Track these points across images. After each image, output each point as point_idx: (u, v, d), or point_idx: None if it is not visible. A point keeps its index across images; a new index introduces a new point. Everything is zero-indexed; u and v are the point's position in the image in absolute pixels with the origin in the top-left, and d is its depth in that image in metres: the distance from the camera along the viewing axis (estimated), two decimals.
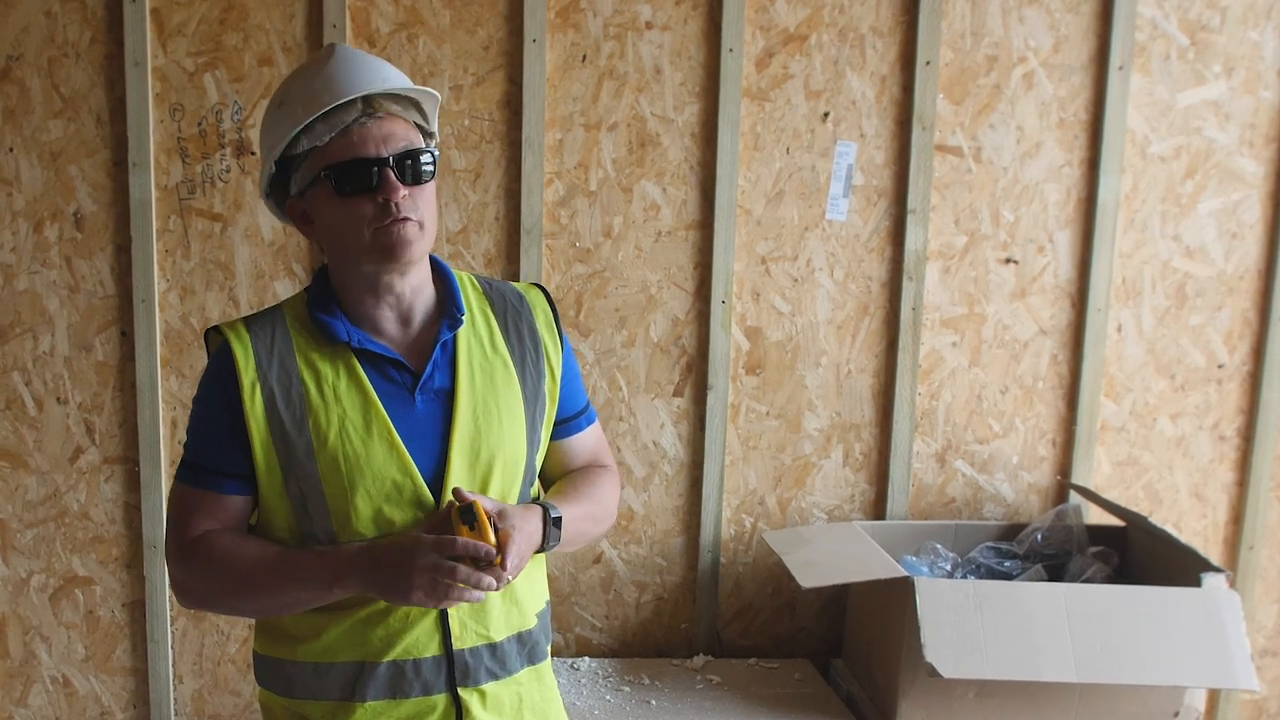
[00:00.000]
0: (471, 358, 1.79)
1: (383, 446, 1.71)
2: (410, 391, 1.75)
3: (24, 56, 2.91)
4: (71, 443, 3.07)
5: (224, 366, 1.76)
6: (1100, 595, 2.63)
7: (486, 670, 1.78)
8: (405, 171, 1.69)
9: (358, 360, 1.75)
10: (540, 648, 1.87)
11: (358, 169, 1.68)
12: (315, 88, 1.71)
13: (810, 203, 3.10)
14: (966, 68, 3.08)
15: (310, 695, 1.78)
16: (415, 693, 1.75)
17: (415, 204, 1.70)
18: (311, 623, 1.76)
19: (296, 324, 1.79)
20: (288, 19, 2.94)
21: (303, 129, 1.70)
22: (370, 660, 1.74)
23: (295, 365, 1.75)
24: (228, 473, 1.75)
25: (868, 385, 3.19)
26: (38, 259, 2.99)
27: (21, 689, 3.17)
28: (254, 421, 1.72)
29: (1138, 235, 3.18)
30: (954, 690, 2.66)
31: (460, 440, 1.74)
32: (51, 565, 3.11)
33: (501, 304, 1.87)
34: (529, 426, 1.81)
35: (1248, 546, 3.30)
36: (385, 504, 1.71)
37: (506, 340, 1.84)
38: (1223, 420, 3.27)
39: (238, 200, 2.99)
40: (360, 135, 1.69)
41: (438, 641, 1.75)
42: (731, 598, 3.25)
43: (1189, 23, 3.10)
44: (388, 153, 1.69)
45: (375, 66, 1.75)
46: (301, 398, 1.72)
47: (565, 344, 1.90)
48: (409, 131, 1.73)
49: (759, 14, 3.02)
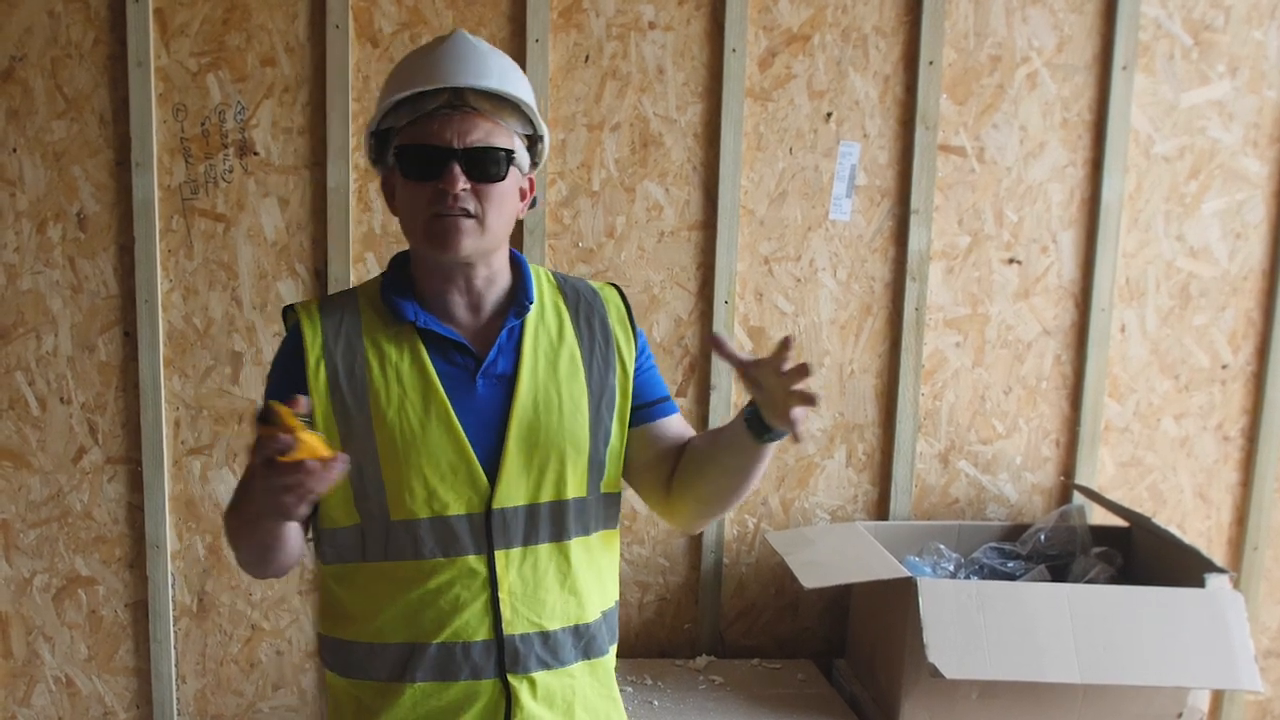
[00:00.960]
0: (537, 346, 1.81)
1: (440, 427, 1.72)
2: (472, 375, 1.77)
3: (27, 57, 2.92)
4: (74, 443, 3.07)
5: (293, 344, 1.79)
6: (1103, 596, 2.62)
7: (537, 658, 1.77)
8: (474, 166, 1.70)
9: (423, 343, 1.77)
10: (598, 643, 1.84)
11: (426, 155, 1.71)
12: (414, 69, 1.75)
13: (813, 203, 3.10)
14: (970, 68, 3.08)
15: (364, 675, 1.80)
16: (464, 676, 1.75)
17: (478, 200, 1.71)
18: (367, 603, 1.78)
19: (368, 305, 1.82)
20: (290, 19, 2.95)
21: (392, 107, 1.74)
22: (421, 641, 1.75)
23: (361, 344, 1.77)
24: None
25: (871, 385, 3.19)
26: (41, 259, 2.99)
27: (24, 689, 3.17)
28: (316, 396, 1.74)
29: (1141, 235, 3.17)
30: (957, 691, 2.66)
31: (518, 425, 1.75)
32: (54, 565, 3.11)
33: (574, 297, 1.88)
34: (593, 417, 1.81)
35: (1252, 547, 3.29)
36: (439, 484, 1.72)
37: (576, 332, 1.84)
38: (1227, 421, 3.26)
39: (240, 200, 2.99)
40: (438, 124, 1.71)
41: (488, 625, 1.74)
42: (734, 598, 3.25)
43: (1193, 22, 3.10)
44: (460, 145, 1.70)
45: (479, 60, 1.75)
46: (364, 375, 1.75)
47: (640, 340, 1.90)
48: (494, 131, 1.73)
49: (762, 14, 3.02)
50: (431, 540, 1.73)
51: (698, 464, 1.83)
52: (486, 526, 1.73)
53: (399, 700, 1.77)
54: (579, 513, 1.79)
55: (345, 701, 1.85)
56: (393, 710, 1.78)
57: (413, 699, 1.77)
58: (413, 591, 1.75)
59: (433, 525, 1.73)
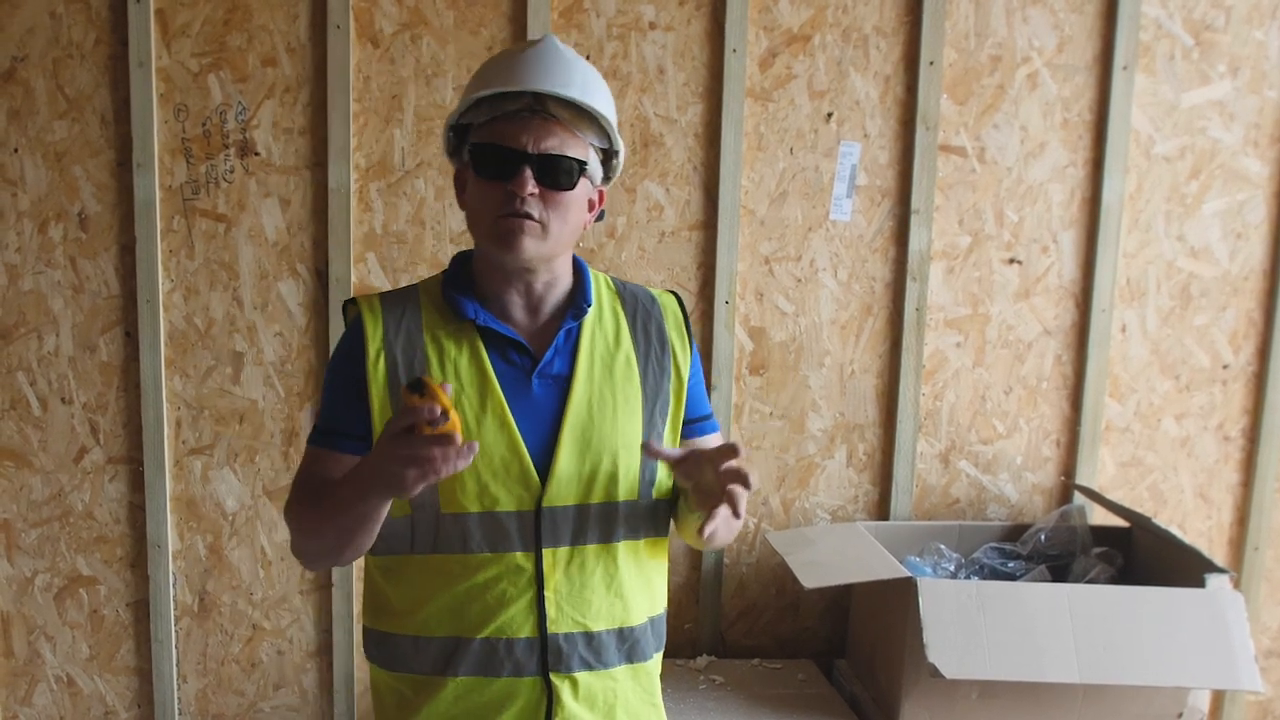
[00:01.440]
0: (594, 348, 1.82)
1: (495, 424, 1.74)
2: (528, 375, 1.78)
3: (29, 57, 2.92)
4: (76, 443, 3.08)
5: (354, 335, 1.82)
6: (1103, 596, 2.62)
7: (580, 659, 1.78)
8: (545, 173, 1.72)
9: (481, 340, 1.79)
10: (642, 648, 1.85)
11: (499, 155, 1.73)
12: (500, 70, 1.76)
13: (814, 203, 3.10)
14: (970, 68, 3.08)
15: (407, 669, 1.81)
16: (506, 673, 1.76)
17: (544, 207, 1.73)
18: (412, 596, 1.79)
19: (429, 301, 1.84)
20: (291, 20, 2.95)
21: (473, 104, 1.76)
22: (465, 636, 1.76)
23: (421, 339, 1.79)
24: (347, 434, 1.79)
25: (871, 385, 3.19)
26: (42, 259, 3.00)
27: (26, 688, 3.18)
28: (375, 387, 1.76)
29: (1142, 235, 3.17)
30: (957, 691, 2.66)
31: (572, 426, 1.76)
32: (56, 565, 3.12)
33: (633, 303, 1.90)
34: (646, 421, 1.82)
35: (1253, 547, 3.29)
36: (492, 480, 1.73)
37: (633, 336, 1.86)
38: (1227, 421, 3.26)
39: (241, 201, 3.00)
40: (517, 126, 1.73)
41: (532, 623, 1.76)
42: (735, 598, 3.25)
43: (1193, 22, 3.10)
44: (534, 150, 1.72)
45: (565, 68, 1.76)
46: (423, 367, 1.77)
47: (694, 351, 1.91)
48: (569, 140, 1.74)
49: (762, 14, 3.02)
50: (480, 535, 1.74)
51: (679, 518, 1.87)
52: (536, 524, 1.75)
53: (440, 694, 1.79)
54: (629, 516, 1.80)
55: (387, 695, 1.87)
56: (434, 704, 1.79)
57: (454, 694, 1.78)
58: (459, 585, 1.76)
59: (482, 520, 1.74)
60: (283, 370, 3.06)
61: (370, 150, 3.00)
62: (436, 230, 3.03)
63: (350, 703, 3.19)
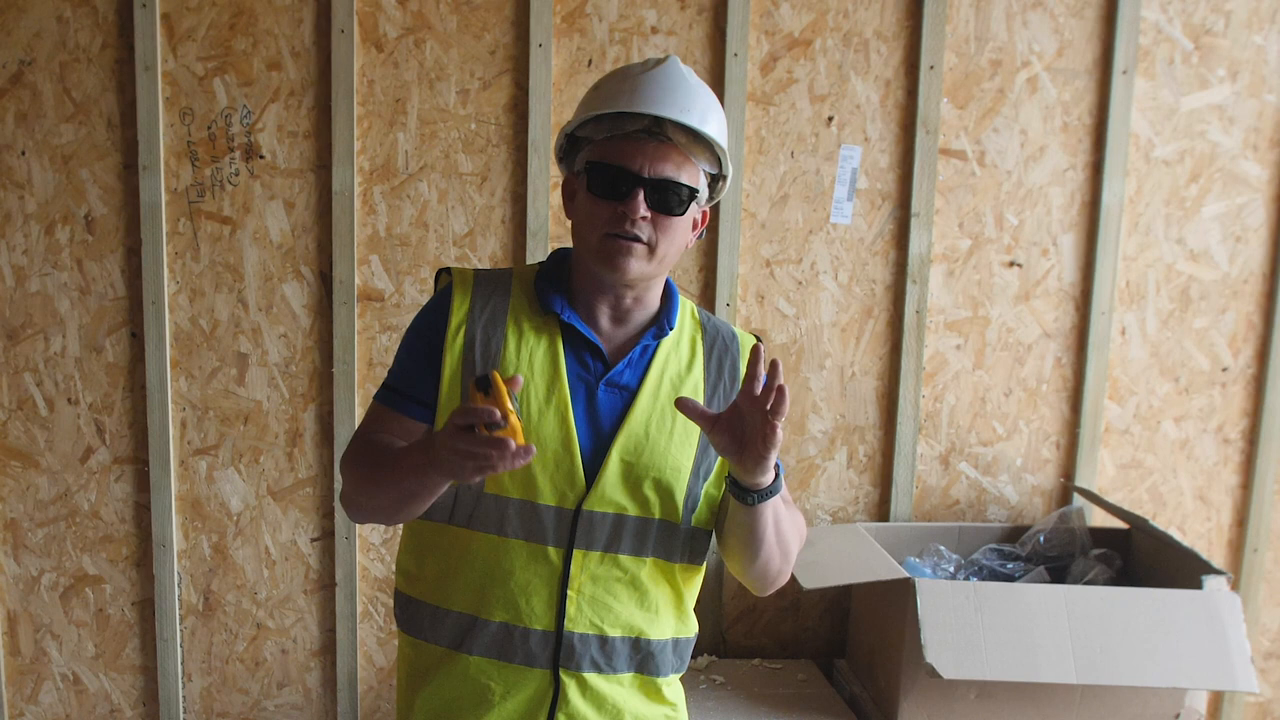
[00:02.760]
0: (665, 369, 1.84)
1: (555, 417, 1.77)
2: (597, 380, 1.81)
3: (36, 61, 2.94)
4: (82, 443, 3.10)
5: (441, 303, 1.85)
6: (1100, 597, 2.63)
7: (591, 660, 1.80)
8: (658, 197, 1.74)
9: (561, 337, 1.82)
10: (657, 663, 1.87)
11: (615, 175, 1.75)
12: (624, 88, 1.78)
13: (814, 206, 3.12)
14: (970, 72, 3.09)
15: (428, 638, 1.85)
16: (518, 660, 1.80)
17: (653, 230, 1.75)
18: (442, 565, 1.83)
19: (520, 288, 1.87)
20: (296, 24, 2.97)
21: (593, 118, 1.78)
22: (483, 617, 1.79)
23: (504, 320, 1.83)
24: (415, 398, 1.82)
25: (872, 388, 3.21)
26: (49, 261, 3.02)
27: (32, 686, 3.20)
28: (450, 356, 1.80)
29: (1142, 239, 3.19)
30: (955, 691, 2.68)
31: (627, 437, 1.79)
32: (62, 564, 3.14)
33: (713, 335, 1.91)
34: (700, 451, 1.83)
35: (1252, 549, 3.30)
36: (540, 471, 1.76)
37: (705, 368, 1.88)
38: (1227, 423, 3.27)
39: (247, 203, 3.02)
40: (634, 148, 1.75)
41: (551, 617, 1.78)
42: (736, 599, 3.27)
43: (1193, 27, 3.11)
44: (649, 174, 1.74)
45: (687, 94, 1.78)
46: (499, 350, 1.80)
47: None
48: (684, 165, 1.76)
49: (763, 19, 3.04)
50: (517, 520, 1.77)
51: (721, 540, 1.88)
52: (573, 523, 1.77)
53: (452, 669, 1.82)
54: (664, 536, 1.82)
55: (405, 661, 1.91)
56: (444, 677, 1.83)
57: (465, 671, 1.82)
58: (486, 565, 1.79)
59: (521, 507, 1.77)
60: (287, 371, 3.09)
61: (374, 153, 3.02)
62: (440, 233, 3.05)
63: (353, 701, 3.21)
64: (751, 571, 1.86)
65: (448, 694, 1.83)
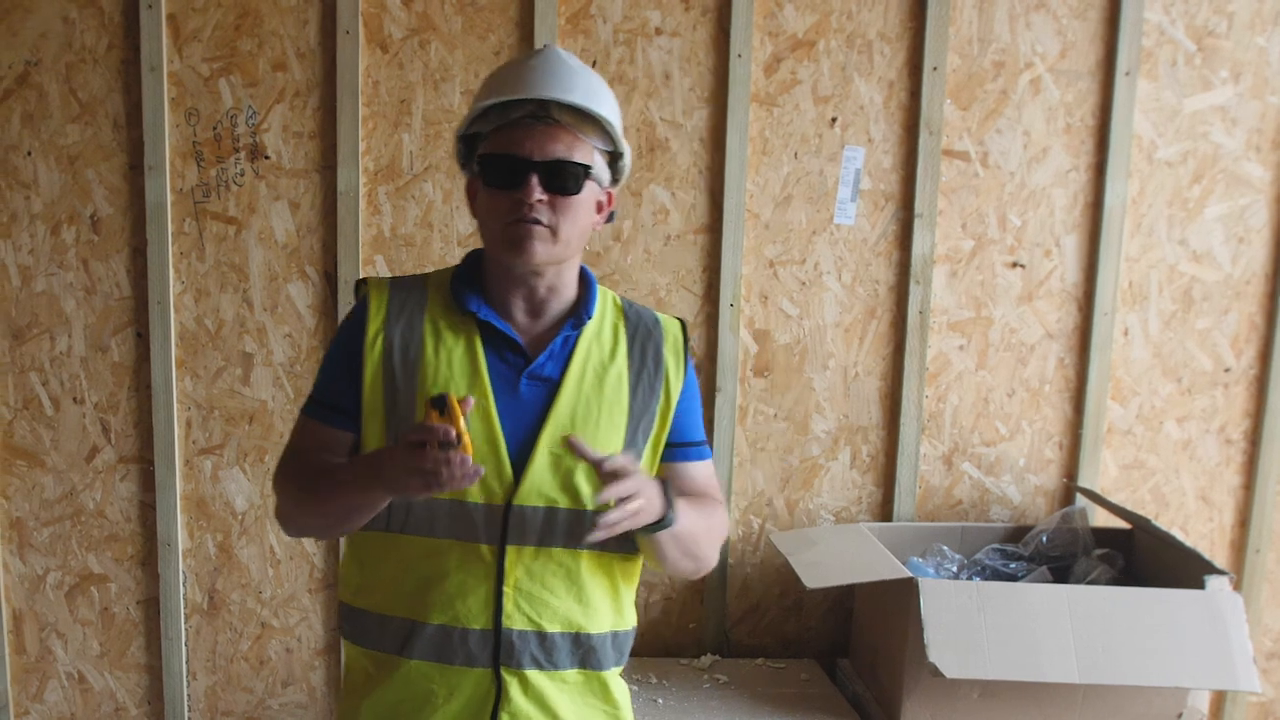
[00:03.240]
0: (588, 358, 1.85)
1: (478, 415, 1.77)
2: (519, 374, 1.82)
3: (42, 62, 2.95)
4: (87, 442, 3.11)
5: (358, 313, 1.87)
6: (1102, 597, 2.64)
7: (531, 657, 1.81)
8: (551, 179, 1.75)
9: (480, 335, 1.83)
10: (599, 657, 1.88)
11: (507, 164, 1.76)
12: (504, 79, 1.80)
13: (818, 207, 3.13)
14: (974, 73, 3.10)
15: (371, 645, 1.86)
16: (458, 661, 1.81)
17: (553, 211, 1.76)
18: (380, 573, 1.84)
19: (436, 291, 1.88)
20: (301, 25, 2.98)
21: (480, 114, 1.80)
22: (421, 620, 1.80)
23: (421, 324, 1.84)
24: (337, 407, 1.85)
25: (875, 388, 3.21)
26: (55, 261, 3.03)
27: (37, 685, 3.21)
28: (369, 365, 1.82)
29: (1144, 239, 3.19)
30: (958, 690, 2.68)
31: (552, 430, 1.80)
32: (67, 563, 3.15)
33: (635, 321, 1.92)
34: (628, 438, 1.85)
35: (1254, 550, 3.30)
36: None
37: (629, 354, 1.88)
38: (1229, 424, 3.28)
39: (252, 204, 3.03)
40: (522, 134, 1.76)
41: (488, 616, 1.79)
42: (739, 598, 3.27)
43: (1196, 28, 3.11)
44: (540, 157, 1.75)
45: (568, 75, 1.79)
46: (418, 354, 1.81)
47: (689, 377, 1.93)
48: (575, 145, 1.78)
49: (767, 20, 3.04)
50: (448, 521, 1.78)
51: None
52: (504, 520, 1.77)
53: (396, 674, 1.83)
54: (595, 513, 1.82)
55: (353, 669, 1.92)
56: (389, 683, 1.84)
57: (408, 676, 1.83)
58: (422, 569, 1.80)
59: (452, 508, 1.78)
60: (292, 371, 3.09)
61: (379, 154, 3.03)
62: (444, 233, 3.06)
63: None
64: (662, 569, 1.91)
65: (392, 699, 1.85)
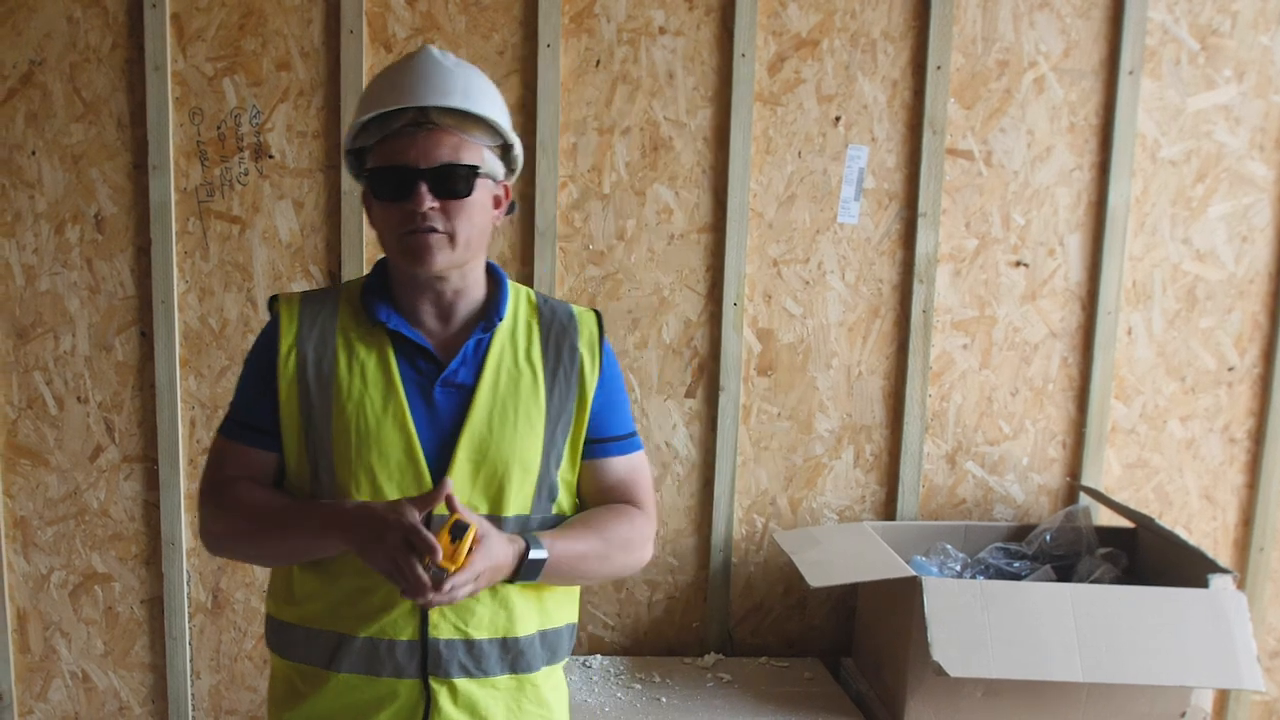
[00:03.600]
0: (501, 361, 1.84)
1: (394, 427, 1.78)
2: (433, 382, 1.81)
3: (46, 61, 2.96)
4: (91, 441, 3.11)
5: (270, 331, 1.87)
6: (1106, 595, 2.64)
7: (459, 665, 1.81)
8: (440, 184, 1.74)
9: (392, 345, 1.82)
10: (527, 659, 1.87)
11: (393, 176, 1.75)
12: (381, 89, 1.79)
13: (822, 206, 3.13)
14: (977, 72, 3.10)
15: (300, 659, 1.87)
16: (387, 673, 1.81)
17: (447, 217, 1.75)
18: (308, 587, 1.84)
19: (348, 303, 1.88)
20: (305, 24, 2.98)
21: (362, 127, 1.79)
22: (349, 634, 1.81)
23: (333, 339, 1.84)
24: (256, 428, 1.85)
25: (878, 387, 3.22)
26: (59, 260, 3.03)
27: (42, 684, 3.21)
28: (283, 382, 1.82)
29: (1148, 239, 3.19)
30: (962, 689, 2.68)
31: (470, 436, 1.79)
32: (71, 562, 3.15)
33: (550, 319, 1.91)
34: (547, 437, 1.84)
35: (1258, 548, 3.30)
36: (386, 481, 1.78)
37: (544, 353, 1.88)
38: (1233, 423, 3.28)
39: (256, 203, 3.03)
40: (405, 144, 1.75)
41: (414, 627, 1.80)
42: (743, 597, 3.28)
43: (1199, 27, 3.11)
44: (425, 165, 1.73)
45: (443, 77, 1.77)
46: (331, 368, 1.81)
47: (607, 369, 1.92)
48: (460, 147, 1.76)
49: (771, 19, 3.05)
50: None
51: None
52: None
53: (325, 688, 1.84)
54: (521, 530, 1.82)
55: (280, 682, 1.92)
56: (318, 697, 1.85)
57: (337, 689, 1.83)
58: (348, 583, 1.80)
59: None
60: None
61: None
62: None
63: None
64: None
65: (321, 712, 1.85)
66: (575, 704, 2.88)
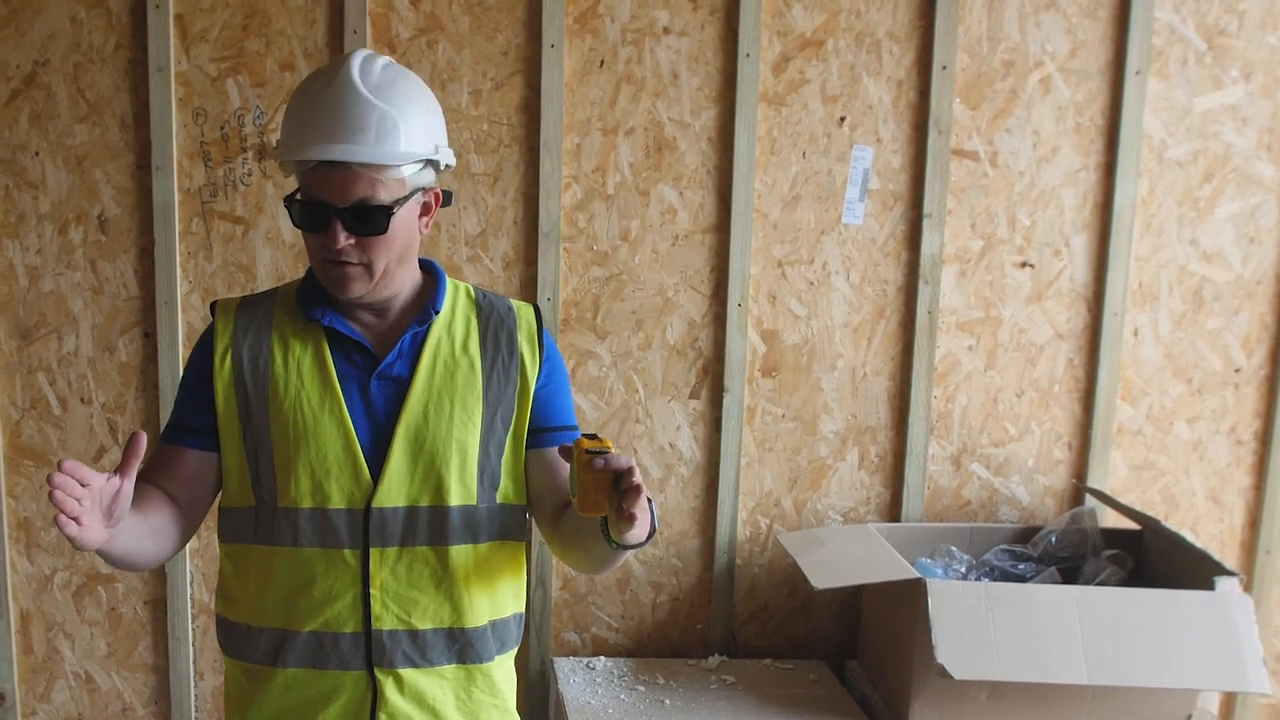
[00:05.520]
0: (437, 353, 1.86)
1: (332, 422, 1.80)
2: (369, 375, 1.83)
3: (50, 62, 2.95)
4: (95, 442, 3.11)
5: (205, 337, 1.90)
6: (1111, 597, 2.63)
7: (404, 655, 1.83)
8: (357, 222, 1.73)
9: (327, 341, 1.84)
10: (476, 650, 1.88)
11: (310, 210, 1.76)
12: (297, 121, 1.76)
13: (826, 206, 3.12)
14: (983, 72, 3.09)
15: (245, 657, 1.88)
16: (332, 665, 1.82)
17: (363, 251, 1.75)
18: (250, 585, 1.86)
19: (284, 303, 1.91)
20: (309, 25, 2.98)
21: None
22: (293, 629, 1.82)
23: (269, 337, 1.86)
24: (191, 428, 1.86)
25: (883, 388, 3.21)
26: (63, 261, 3.03)
27: (45, 685, 3.21)
28: (220, 383, 1.84)
29: (1154, 239, 3.18)
30: (966, 691, 2.67)
31: (406, 427, 1.81)
32: (75, 563, 3.15)
33: (488, 311, 1.93)
34: (485, 427, 1.85)
35: (1265, 550, 3.29)
36: (325, 477, 1.79)
37: (481, 344, 1.89)
38: (1239, 424, 3.27)
39: (259, 203, 3.03)
40: (322, 179, 1.74)
41: (358, 619, 1.81)
42: (747, 599, 3.27)
43: (1206, 27, 3.10)
44: (341, 203, 1.73)
45: (358, 114, 1.72)
46: (267, 366, 1.83)
47: (549, 360, 1.93)
48: (377, 182, 1.72)
49: (776, 19, 3.04)
50: (311, 530, 1.80)
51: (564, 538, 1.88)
52: (365, 523, 1.80)
53: (272, 685, 1.85)
54: (465, 520, 1.84)
55: (232, 685, 1.94)
56: (266, 694, 1.86)
57: (284, 685, 1.84)
58: (289, 578, 1.82)
59: (313, 516, 1.80)
60: None
61: None
62: (452, 233, 3.06)
63: None
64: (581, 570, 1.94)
65: (271, 709, 1.86)
66: (578, 705, 2.88)
